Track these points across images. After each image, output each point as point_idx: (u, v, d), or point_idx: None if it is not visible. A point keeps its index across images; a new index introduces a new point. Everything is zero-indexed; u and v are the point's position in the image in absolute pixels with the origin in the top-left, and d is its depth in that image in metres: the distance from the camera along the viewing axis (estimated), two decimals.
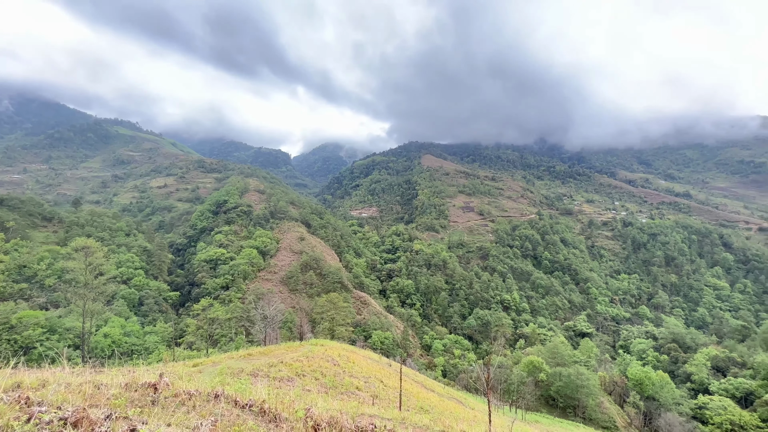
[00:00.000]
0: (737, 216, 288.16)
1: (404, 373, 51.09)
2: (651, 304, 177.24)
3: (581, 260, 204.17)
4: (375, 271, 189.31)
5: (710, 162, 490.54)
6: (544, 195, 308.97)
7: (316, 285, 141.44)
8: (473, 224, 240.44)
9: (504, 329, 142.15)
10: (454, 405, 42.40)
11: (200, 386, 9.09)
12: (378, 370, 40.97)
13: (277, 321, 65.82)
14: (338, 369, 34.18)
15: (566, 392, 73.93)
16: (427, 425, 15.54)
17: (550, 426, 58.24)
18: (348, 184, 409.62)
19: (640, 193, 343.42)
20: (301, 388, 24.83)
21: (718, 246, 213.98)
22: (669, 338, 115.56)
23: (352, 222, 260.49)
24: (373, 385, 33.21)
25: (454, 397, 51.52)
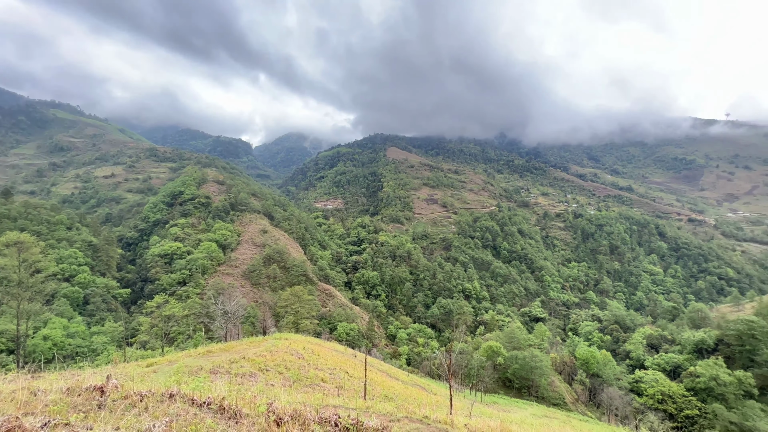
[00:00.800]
0: (671, 208, 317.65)
1: (369, 363, 51.73)
2: (597, 290, 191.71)
3: (536, 250, 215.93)
4: (340, 263, 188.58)
5: (649, 159, 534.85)
6: (503, 188, 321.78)
7: (279, 278, 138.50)
8: (437, 216, 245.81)
9: (465, 317, 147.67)
10: (418, 391, 43.68)
11: (154, 387, 8.68)
12: (343, 362, 41.16)
13: (238, 316, 63.83)
14: (303, 362, 33.93)
15: (521, 374, 78.62)
16: (391, 412, 15.91)
17: (507, 406, 61.77)
18: (312, 175, 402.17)
19: (589, 187, 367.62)
20: (265, 383, 24.42)
21: (654, 235, 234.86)
22: (612, 320, 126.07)
23: (317, 214, 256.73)
24: (338, 377, 33.36)
25: (418, 384, 53.04)
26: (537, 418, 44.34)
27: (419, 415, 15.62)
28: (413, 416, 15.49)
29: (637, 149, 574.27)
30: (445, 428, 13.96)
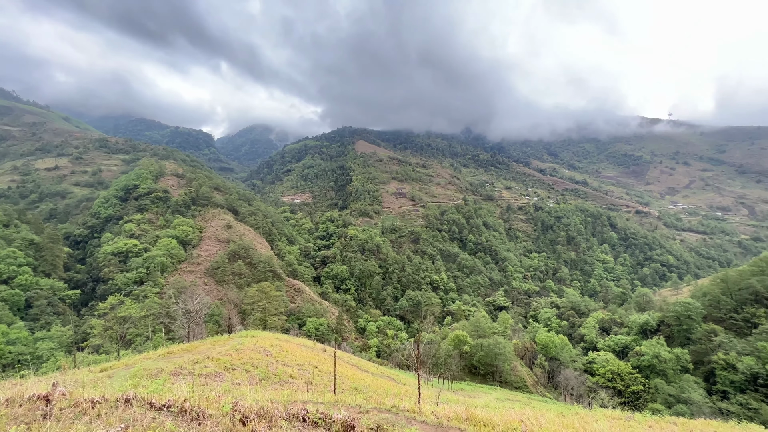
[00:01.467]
0: (621, 201, 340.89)
1: (339, 357, 51.79)
2: (555, 278, 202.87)
3: (500, 242, 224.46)
4: (309, 258, 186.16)
5: (602, 154, 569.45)
6: (469, 182, 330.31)
7: (245, 275, 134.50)
8: (405, 210, 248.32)
9: (433, 308, 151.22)
10: (387, 382, 44.37)
11: (108, 392, 8.24)
12: (313, 357, 40.92)
13: (201, 315, 61.45)
14: (271, 359, 33.39)
15: (486, 360, 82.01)
16: (360, 404, 16.12)
17: (473, 392, 64.30)
18: (279, 168, 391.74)
19: (548, 181, 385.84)
20: (231, 383, 23.83)
21: (606, 226, 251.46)
22: (568, 306, 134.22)
23: (284, 208, 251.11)
24: (307, 372, 33.17)
25: (388, 376, 53.86)
26: (500, 402, 46.56)
27: (388, 406, 15.96)
28: (382, 407, 15.80)
29: (591, 145, 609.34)
30: (413, 416, 14.38)
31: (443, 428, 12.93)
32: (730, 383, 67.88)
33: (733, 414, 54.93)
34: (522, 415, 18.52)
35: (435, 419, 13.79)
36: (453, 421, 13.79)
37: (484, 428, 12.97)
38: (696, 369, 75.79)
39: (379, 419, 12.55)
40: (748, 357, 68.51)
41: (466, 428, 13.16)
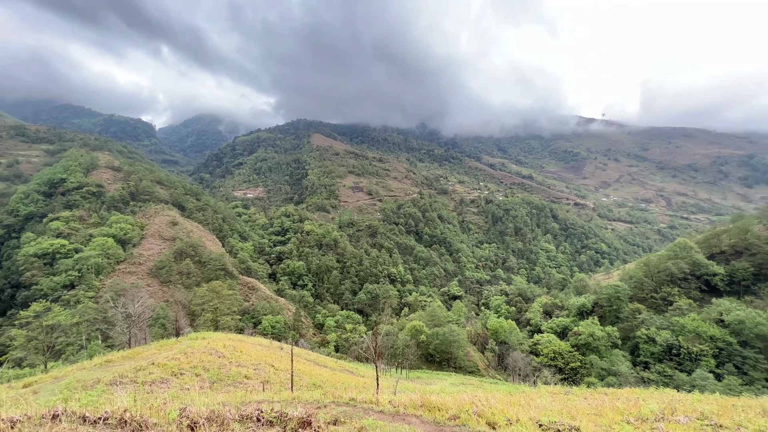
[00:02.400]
0: (562, 194, 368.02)
1: (296, 354, 51.05)
2: (504, 267, 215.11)
3: (454, 234, 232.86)
4: (263, 254, 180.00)
5: (546, 151, 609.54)
6: (424, 176, 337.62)
7: (194, 274, 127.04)
8: (363, 204, 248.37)
9: (391, 300, 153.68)
10: (346, 376, 44.61)
11: (32, 409, 7.51)
12: (269, 356, 39.96)
13: (144, 319, 57.23)
14: (224, 361, 32.11)
15: (442, 348, 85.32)
16: (318, 399, 16.12)
17: (429, 379, 66.69)
18: (229, 162, 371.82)
19: (498, 175, 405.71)
20: (179, 388, 22.62)
21: (549, 218, 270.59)
22: (516, 293, 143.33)
23: (236, 203, 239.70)
24: (263, 372, 32.37)
25: (347, 369, 54.09)
26: (455, 387, 48.80)
27: (346, 399, 16.14)
28: (340, 400, 15.95)
29: (536, 142, 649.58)
30: (371, 407, 14.69)
31: (400, 416, 13.38)
32: (651, 355, 76.86)
33: (653, 381, 62.40)
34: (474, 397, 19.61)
35: (392, 408, 14.21)
36: (409, 409, 14.29)
37: (439, 413, 13.58)
38: (624, 344, 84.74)
39: (337, 413, 12.67)
40: (665, 331, 77.92)
41: (422, 414, 13.71)
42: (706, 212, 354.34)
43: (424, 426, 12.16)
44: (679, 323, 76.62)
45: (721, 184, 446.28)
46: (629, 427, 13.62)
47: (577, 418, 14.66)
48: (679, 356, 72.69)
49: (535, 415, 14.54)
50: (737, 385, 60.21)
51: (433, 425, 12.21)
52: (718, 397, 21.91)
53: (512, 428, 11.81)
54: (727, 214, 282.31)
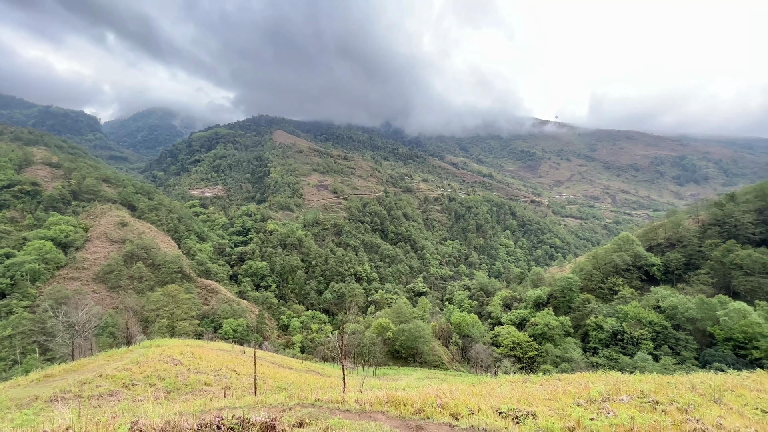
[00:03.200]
0: (519, 192, 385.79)
1: (260, 357, 49.64)
2: (467, 263, 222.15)
3: (419, 231, 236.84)
4: (224, 255, 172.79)
5: (504, 150, 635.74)
6: (389, 174, 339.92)
7: (147, 278, 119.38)
8: (327, 202, 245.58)
9: (357, 298, 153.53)
10: (312, 377, 44.08)
11: None
12: (230, 361, 38.57)
13: (90, 328, 52.94)
14: (181, 368, 30.57)
15: (408, 344, 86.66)
16: (282, 402, 15.86)
17: (396, 375, 67.53)
18: (186, 158, 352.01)
19: (460, 174, 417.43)
20: (131, 400, 21.27)
21: (508, 215, 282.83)
22: (478, 287, 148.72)
23: (194, 203, 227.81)
24: (225, 377, 31.21)
25: (313, 370, 53.44)
26: (420, 381, 49.81)
27: (311, 400, 16.01)
28: (305, 402, 15.79)
29: (495, 142, 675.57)
30: (337, 407, 14.68)
31: (366, 414, 13.50)
32: (599, 341, 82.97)
33: (601, 365, 67.42)
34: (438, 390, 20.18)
35: (358, 406, 14.30)
36: (375, 406, 14.45)
37: (404, 407, 13.86)
38: (575, 332, 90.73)
39: (302, 414, 12.56)
40: (611, 318, 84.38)
41: (388, 410, 13.92)
42: (645, 208, 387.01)
43: (390, 422, 12.38)
44: (623, 311, 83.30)
45: (658, 183, 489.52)
46: (580, 409, 14.69)
47: (534, 404, 15.57)
48: (623, 341, 79.07)
49: (496, 403, 15.25)
50: (671, 364, 66.61)
51: (399, 420, 12.46)
52: (655, 377, 24.16)
53: (474, 418, 12.33)
54: (662, 210, 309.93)
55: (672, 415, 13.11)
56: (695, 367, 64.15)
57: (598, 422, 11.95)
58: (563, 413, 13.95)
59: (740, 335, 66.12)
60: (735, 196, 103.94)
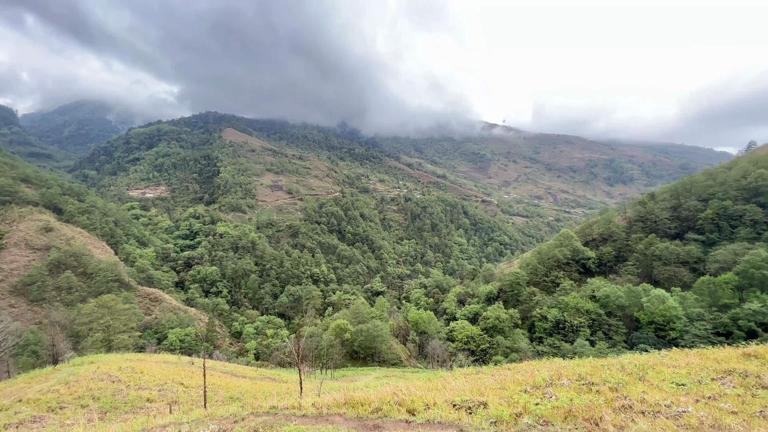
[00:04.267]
0: (471, 192, 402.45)
1: (211, 367, 47.07)
2: (423, 261, 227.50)
3: (376, 231, 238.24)
4: (168, 261, 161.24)
5: (457, 152, 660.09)
6: (346, 175, 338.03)
7: (78, 288, 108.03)
8: (282, 203, 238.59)
9: (314, 301, 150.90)
10: (268, 384, 42.63)
11: None
12: (177, 373, 36.13)
13: (7, 347, 46.77)
14: (119, 385, 28.10)
15: (366, 344, 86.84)
16: (235, 413, 15.22)
17: (354, 376, 67.35)
18: (123, 156, 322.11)
19: (416, 174, 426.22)
20: (59, 425, 19.17)
21: (461, 214, 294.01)
22: (434, 285, 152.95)
23: (132, 204, 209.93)
24: (171, 391, 29.18)
25: (268, 377, 51.67)
26: (379, 380, 50.20)
27: (266, 408, 15.50)
28: (259, 410, 15.26)
29: (448, 144, 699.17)
30: (293, 413, 14.37)
31: (323, 417, 13.37)
32: (544, 330, 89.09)
33: (546, 353, 72.40)
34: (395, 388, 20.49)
35: (315, 410, 14.12)
36: (333, 408, 14.36)
37: (362, 407, 13.92)
38: (523, 323, 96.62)
39: (256, 424, 12.17)
40: (554, 309, 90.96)
41: (345, 412, 13.90)
42: (582, 206, 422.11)
43: (347, 423, 12.39)
44: (564, 301, 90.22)
45: (592, 183, 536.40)
46: (526, 395, 15.71)
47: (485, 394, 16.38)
48: (564, 329, 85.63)
49: (450, 396, 15.83)
50: (605, 348, 73.39)
51: (357, 421, 12.51)
52: (591, 360, 26.46)
53: (430, 412, 12.72)
54: (596, 208, 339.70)
55: (605, 394, 14.49)
56: (624, 349, 71.21)
57: (542, 406, 12.88)
58: (512, 400, 14.85)
59: (660, 319, 74.53)
60: (655, 195, 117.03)
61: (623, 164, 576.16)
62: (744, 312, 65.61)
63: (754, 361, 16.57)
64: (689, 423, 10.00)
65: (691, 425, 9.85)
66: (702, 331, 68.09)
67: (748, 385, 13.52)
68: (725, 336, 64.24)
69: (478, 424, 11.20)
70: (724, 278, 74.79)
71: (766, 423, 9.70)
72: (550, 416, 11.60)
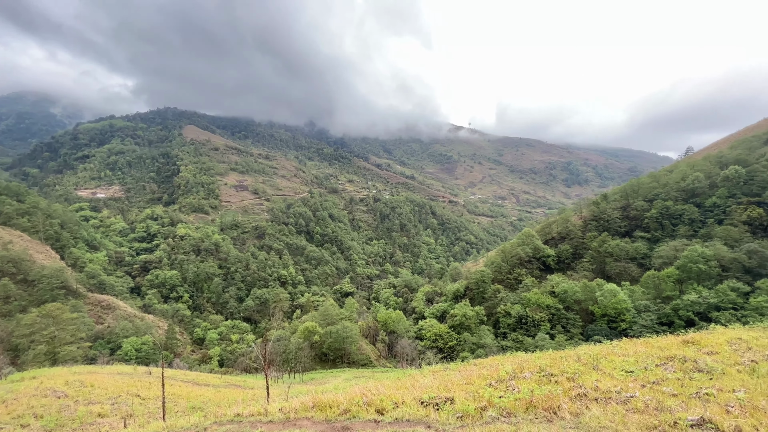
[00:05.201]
0: (438, 192, 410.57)
1: (170, 377, 44.72)
2: (392, 261, 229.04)
3: (345, 232, 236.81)
4: (123, 265, 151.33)
5: (425, 153, 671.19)
6: (314, 175, 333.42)
7: (17, 297, 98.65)
8: (248, 203, 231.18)
9: (282, 303, 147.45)
10: (233, 391, 41.15)
11: None
12: (132, 385, 34.03)
13: None
14: (66, 401, 26.03)
15: (335, 346, 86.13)
16: (197, 423, 14.65)
17: (324, 378, 66.57)
18: (70, 153, 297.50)
19: (384, 175, 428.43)
20: None
21: (429, 214, 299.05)
22: (402, 285, 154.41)
23: (81, 205, 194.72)
24: (125, 405, 27.42)
25: (233, 384, 49.89)
26: (348, 381, 49.93)
27: (230, 416, 15.00)
28: (223, 419, 14.74)
29: (417, 145, 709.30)
30: (259, 419, 14.01)
31: (291, 422, 13.14)
32: (508, 326, 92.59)
33: (509, 347, 75.33)
34: (364, 388, 20.49)
35: (282, 415, 13.85)
36: (300, 412, 14.15)
37: (330, 410, 13.82)
38: (488, 320, 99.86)
39: None
40: (517, 305, 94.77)
41: (313, 415, 13.75)
42: (542, 206, 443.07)
43: (315, 426, 12.28)
44: (526, 297, 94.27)
45: (551, 185, 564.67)
46: (491, 389, 16.29)
47: (452, 390, 16.81)
48: (527, 324, 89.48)
49: (419, 394, 16.09)
50: (564, 341, 77.48)
51: (325, 424, 12.41)
52: (551, 353, 27.87)
53: (398, 410, 12.86)
54: (555, 208, 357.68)
55: (563, 384, 15.32)
56: (581, 340, 75.58)
57: (505, 399, 13.43)
58: (477, 395, 15.34)
59: (612, 311, 79.84)
60: (607, 196, 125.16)
61: (579, 167, 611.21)
62: (683, 303, 71.76)
63: (691, 347, 18.22)
64: (636, 407, 10.83)
65: (638, 408, 10.68)
66: (648, 321, 73.66)
67: (686, 370, 14.85)
68: (668, 325, 69.91)
69: (444, 420, 11.49)
70: (667, 272, 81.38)
71: (701, 403, 10.69)
72: (513, 408, 12.12)
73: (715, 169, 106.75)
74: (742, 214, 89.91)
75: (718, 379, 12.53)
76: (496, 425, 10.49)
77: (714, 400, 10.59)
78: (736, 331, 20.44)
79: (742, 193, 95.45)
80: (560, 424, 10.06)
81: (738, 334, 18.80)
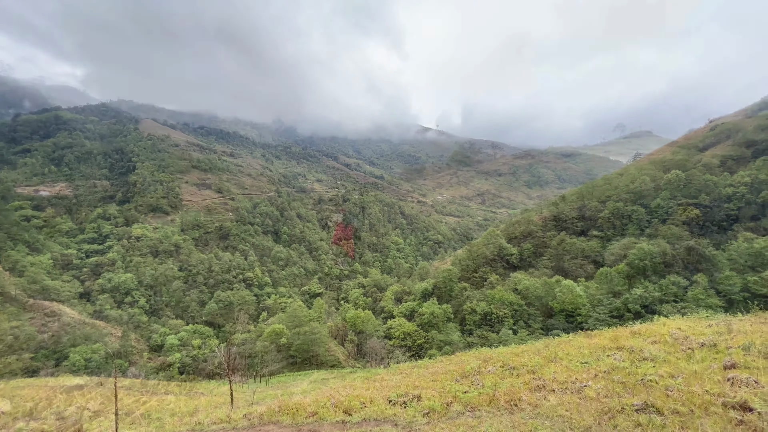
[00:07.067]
0: (407, 192, 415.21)
1: (125, 386, 42.10)
2: (361, 261, 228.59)
3: (313, 232, 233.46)
4: (70, 268, 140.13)
5: (394, 154, 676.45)
6: (282, 173, 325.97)
7: None
8: (211, 203, 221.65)
9: (247, 306, 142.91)
10: (195, 399, 39.35)
11: None
12: (80, 398, 31.65)
13: None
14: (4, 418, 23.83)
15: (304, 348, 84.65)
16: None
17: (292, 381, 65.21)
18: (7, 147, 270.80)
19: (354, 175, 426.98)
20: None
21: (398, 214, 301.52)
22: (372, 284, 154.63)
23: (22, 204, 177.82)
24: (71, 420, 25.48)
25: (196, 391, 47.74)
26: (316, 384, 49.29)
27: (191, 425, 14.38)
28: (182, 429, 14.10)
29: (386, 145, 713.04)
30: (222, 427, 13.54)
31: (255, 428, 12.81)
32: (473, 323, 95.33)
33: (475, 344, 77.47)
34: (332, 390, 20.37)
35: (247, 422, 13.49)
36: (267, 417, 13.84)
37: (297, 413, 13.62)
38: (455, 317, 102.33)
39: None
40: (482, 302, 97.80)
41: (280, 419, 13.49)
42: (506, 207, 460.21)
43: (282, 430, 12.08)
44: (491, 295, 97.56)
45: (515, 186, 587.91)
46: (456, 384, 16.75)
47: (420, 387, 17.10)
48: (491, 321, 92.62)
49: (387, 393, 16.23)
50: (525, 335, 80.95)
51: (293, 428, 12.23)
52: (513, 348, 29.05)
53: (366, 410, 12.92)
54: (518, 208, 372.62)
55: (524, 377, 16.05)
56: (541, 335, 79.24)
57: (470, 394, 13.86)
58: (443, 391, 15.73)
59: (570, 306, 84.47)
60: (565, 197, 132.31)
61: (540, 169, 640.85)
62: (632, 297, 77.27)
63: (638, 337, 19.69)
64: (589, 395, 11.58)
65: (591, 397, 11.42)
66: (602, 315, 78.65)
67: (634, 359, 16.04)
68: (618, 318, 74.97)
69: (411, 417, 11.69)
70: (618, 269, 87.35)
71: (645, 389, 11.61)
72: (477, 402, 12.55)
73: (659, 173, 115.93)
74: (682, 214, 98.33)
75: (660, 366, 13.66)
76: (461, 419, 10.82)
77: (656, 385, 11.55)
78: (676, 321, 22.36)
79: (682, 195, 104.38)
80: (521, 415, 10.55)
81: (678, 324, 20.58)
